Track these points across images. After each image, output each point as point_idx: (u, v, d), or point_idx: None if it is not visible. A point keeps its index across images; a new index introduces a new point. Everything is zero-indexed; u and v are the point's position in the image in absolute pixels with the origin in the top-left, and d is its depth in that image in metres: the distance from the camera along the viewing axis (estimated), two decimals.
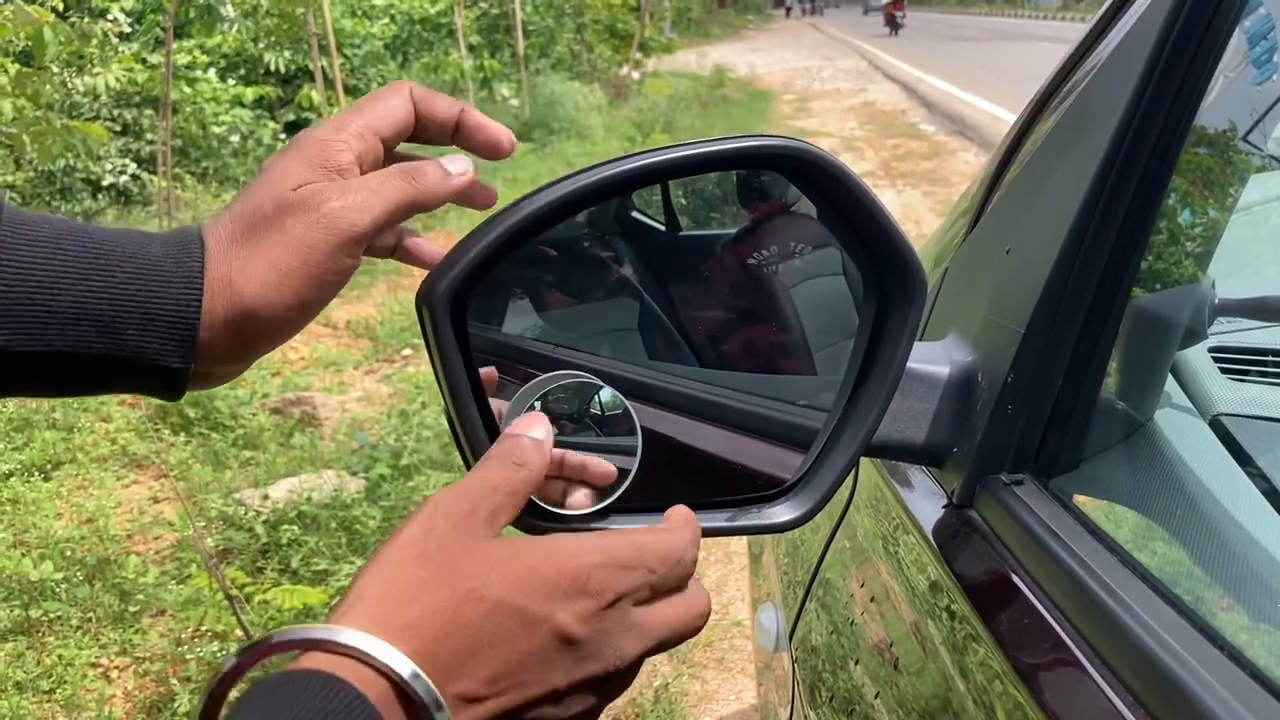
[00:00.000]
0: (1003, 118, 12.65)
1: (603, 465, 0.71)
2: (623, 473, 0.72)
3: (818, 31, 46.78)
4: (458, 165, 0.68)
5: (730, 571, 3.51)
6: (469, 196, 0.70)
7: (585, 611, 0.55)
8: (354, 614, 0.52)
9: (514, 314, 0.77)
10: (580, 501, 0.72)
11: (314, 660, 0.50)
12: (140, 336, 0.60)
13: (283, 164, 0.65)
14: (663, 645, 0.60)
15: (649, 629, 0.58)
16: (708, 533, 0.79)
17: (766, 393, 0.86)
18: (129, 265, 0.60)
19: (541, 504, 0.70)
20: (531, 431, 0.63)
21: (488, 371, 0.71)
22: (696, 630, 0.61)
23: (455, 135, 0.70)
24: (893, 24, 37.55)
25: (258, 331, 0.64)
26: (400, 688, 0.50)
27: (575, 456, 0.70)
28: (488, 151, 0.70)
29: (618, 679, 0.58)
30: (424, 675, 0.50)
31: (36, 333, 0.58)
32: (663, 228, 0.86)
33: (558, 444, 0.69)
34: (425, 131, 0.70)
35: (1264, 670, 0.55)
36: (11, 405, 4.17)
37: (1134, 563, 0.69)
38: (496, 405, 0.70)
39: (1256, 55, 0.91)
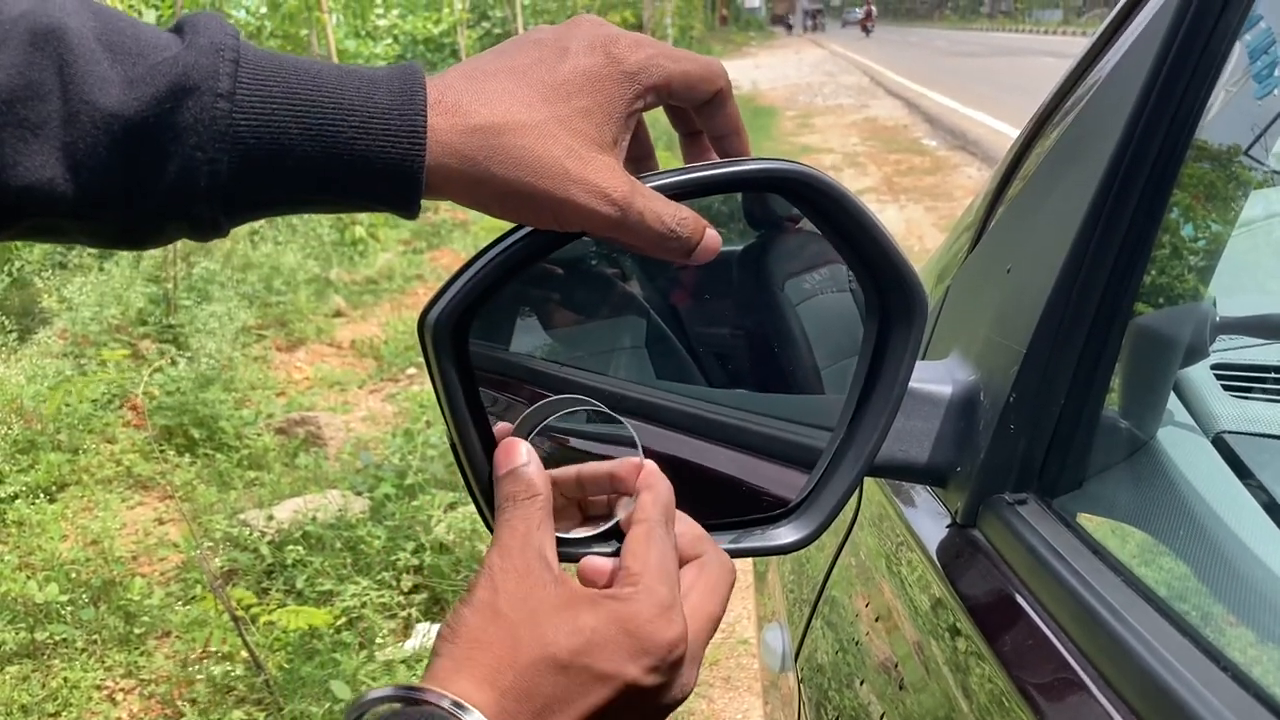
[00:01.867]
0: (1005, 132, 12.66)
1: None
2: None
3: (819, 48, 46.97)
4: None
5: (736, 590, 3.48)
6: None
7: (652, 664, 0.59)
8: (446, 675, 0.57)
9: (521, 332, 0.77)
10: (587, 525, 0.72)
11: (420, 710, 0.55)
12: (367, 187, 0.58)
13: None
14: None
15: (701, 650, 0.64)
16: None
17: (773, 412, 0.87)
18: (355, 119, 0.56)
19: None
20: (518, 461, 0.65)
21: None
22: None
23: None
24: (866, 31, 61.15)
25: (502, 151, 0.59)
26: None
27: (591, 469, 0.72)
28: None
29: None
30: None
31: (262, 183, 0.56)
32: None
33: (559, 467, 0.70)
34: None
35: (1267, 690, 0.55)
36: (17, 426, 4.18)
37: (1138, 583, 0.69)
38: (501, 428, 0.71)
39: (1257, 70, 0.91)
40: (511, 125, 0.59)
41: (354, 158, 0.56)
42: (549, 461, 0.72)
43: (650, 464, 0.69)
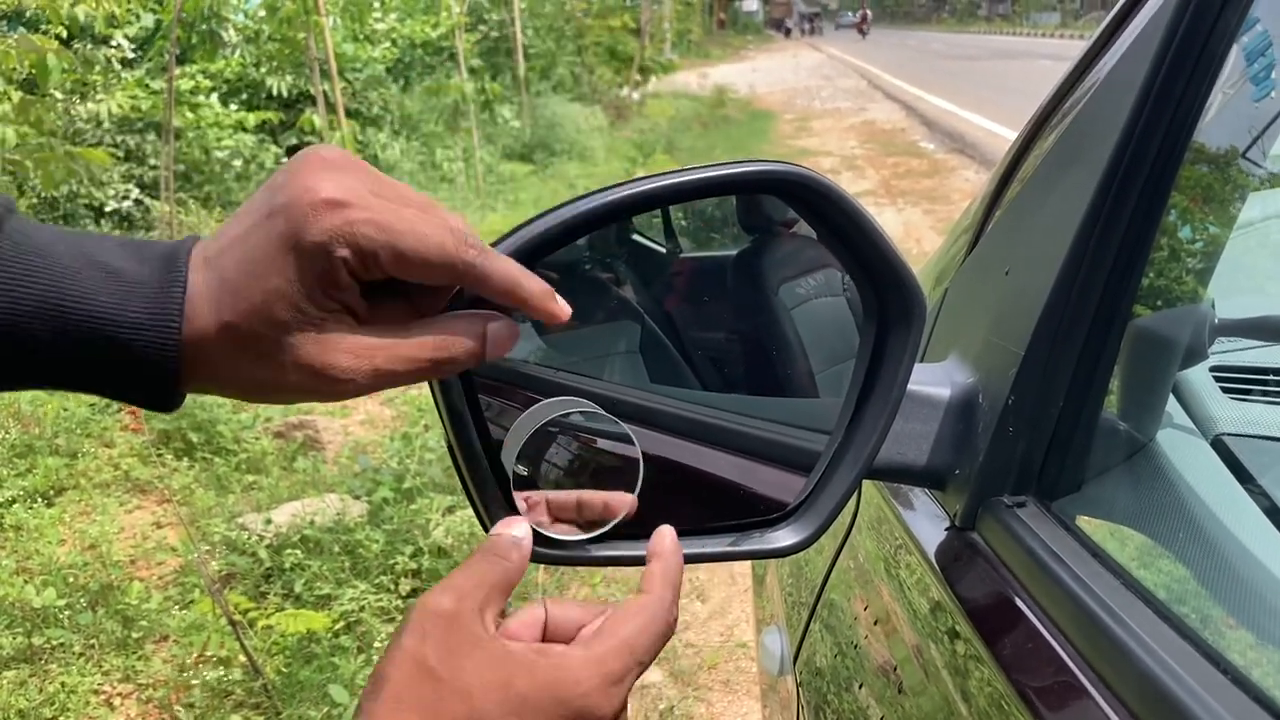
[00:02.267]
0: (1002, 135, 12.68)
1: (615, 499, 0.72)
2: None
3: (816, 51, 47.01)
4: None
5: (735, 593, 3.50)
6: None
7: None
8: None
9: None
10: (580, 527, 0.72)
11: None
12: (119, 370, 0.55)
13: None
14: None
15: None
16: (710, 558, 0.79)
17: (769, 416, 0.86)
18: (105, 329, 0.54)
19: (542, 531, 0.70)
20: (512, 530, 0.65)
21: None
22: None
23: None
24: (862, 34, 66.62)
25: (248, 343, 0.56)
26: None
27: (589, 497, 0.72)
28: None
29: None
30: None
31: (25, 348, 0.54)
32: (664, 249, 0.86)
33: (556, 474, 0.70)
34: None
35: (1267, 693, 0.55)
36: (14, 431, 4.18)
37: (1137, 585, 0.69)
38: (500, 433, 0.70)
39: (1254, 72, 0.91)
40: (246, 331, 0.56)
41: (105, 364, 0.55)
42: (547, 462, 0.72)
43: (665, 529, 0.68)
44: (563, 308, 0.62)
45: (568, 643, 0.61)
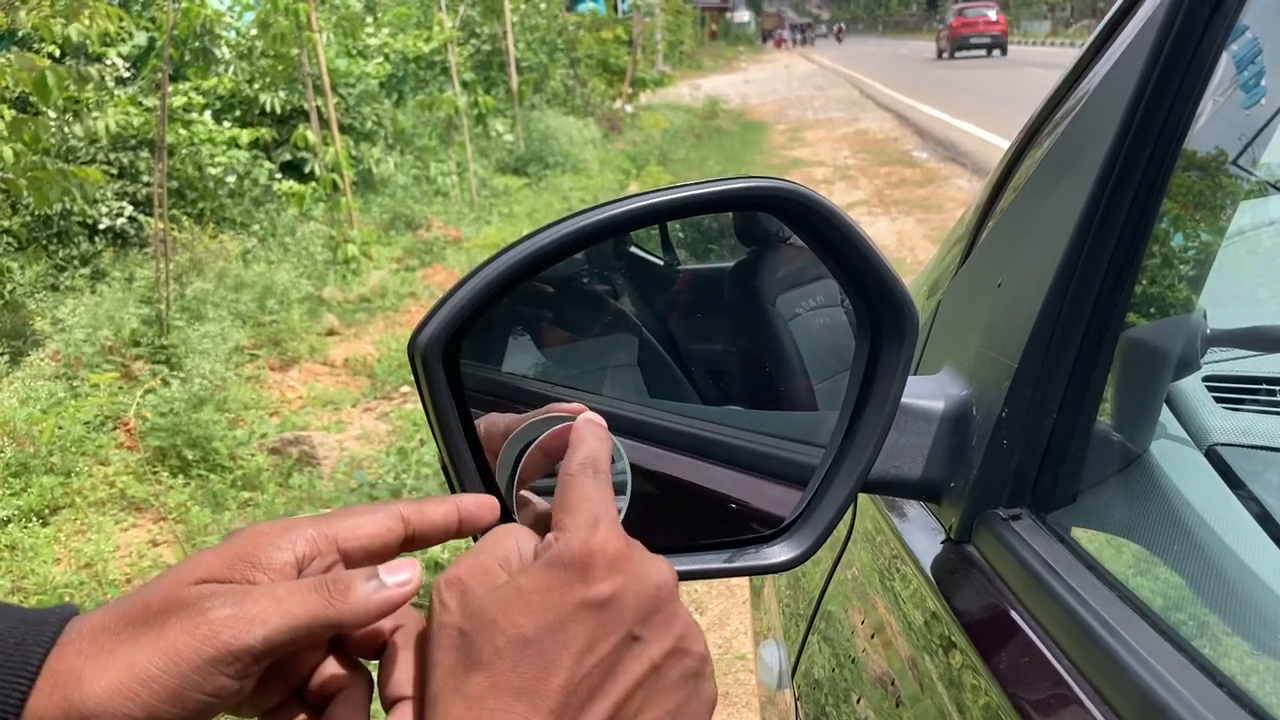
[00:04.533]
0: (995, 143, 12.72)
1: None
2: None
3: (807, 61, 47.14)
4: (399, 574, 0.58)
5: (733, 605, 3.49)
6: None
7: (601, 572, 0.55)
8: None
9: (514, 351, 0.77)
10: None
11: None
12: None
13: (205, 554, 0.57)
14: None
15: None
16: (706, 575, 0.79)
17: (766, 429, 0.87)
18: None
19: None
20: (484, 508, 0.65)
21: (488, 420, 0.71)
22: None
23: (460, 529, 0.65)
24: (839, 39, 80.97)
25: None
26: None
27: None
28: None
29: (688, 628, 0.58)
30: None
31: None
32: (660, 262, 0.86)
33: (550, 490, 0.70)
34: (425, 541, 0.64)
35: (1262, 705, 0.55)
36: (9, 450, 4.16)
37: (1132, 597, 0.69)
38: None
39: (1245, 79, 0.91)
40: None
41: None
42: (541, 478, 0.72)
43: (582, 420, 0.66)
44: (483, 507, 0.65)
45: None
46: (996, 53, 39.95)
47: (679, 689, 0.57)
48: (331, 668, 0.59)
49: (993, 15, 42.39)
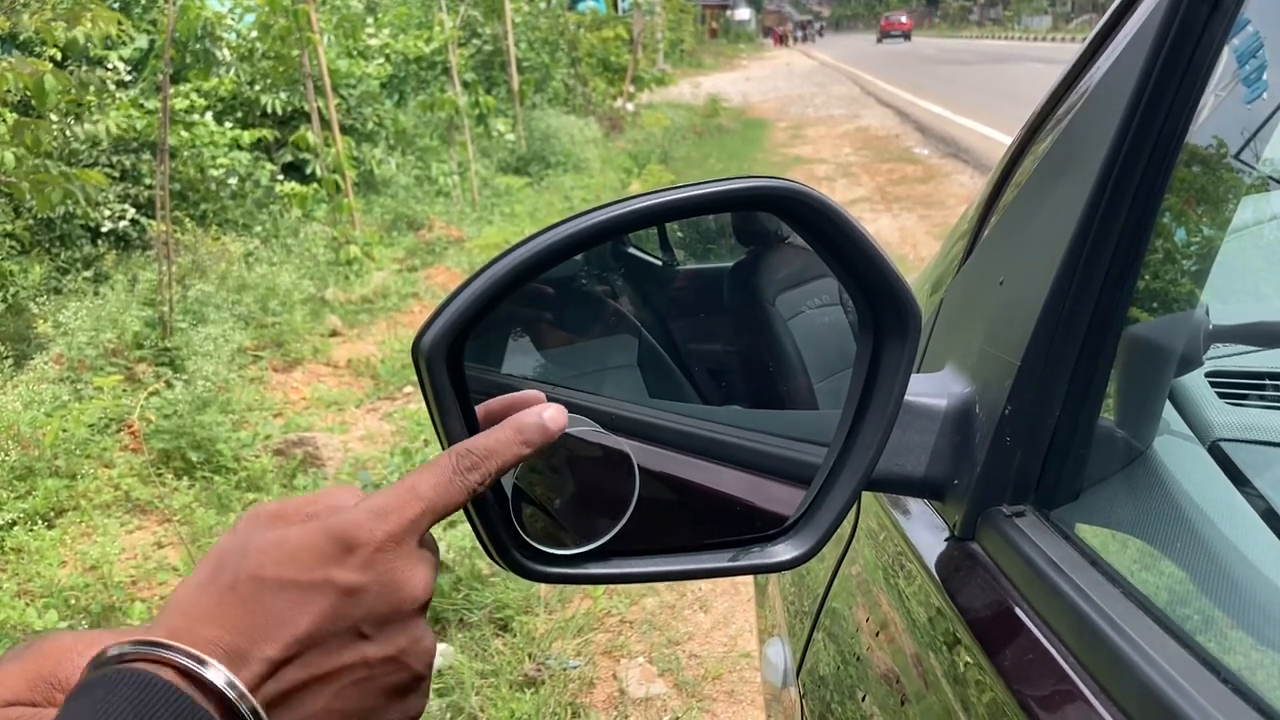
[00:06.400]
0: (996, 139, 12.71)
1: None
2: (619, 513, 0.73)
3: (808, 58, 47.13)
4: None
5: (738, 603, 3.50)
6: None
7: (359, 561, 0.58)
8: (159, 619, 0.58)
9: (514, 353, 0.77)
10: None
11: (133, 662, 0.55)
12: None
13: (6, 667, 0.62)
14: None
15: (431, 559, 0.62)
16: (710, 574, 0.80)
17: (768, 428, 0.87)
18: None
19: (535, 544, 0.71)
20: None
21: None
22: None
23: None
24: (820, 35, 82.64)
25: None
26: (194, 676, 0.54)
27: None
28: None
29: (424, 643, 0.61)
30: (211, 660, 0.54)
31: None
32: (659, 262, 0.86)
33: (552, 491, 0.70)
34: None
35: (1267, 701, 0.55)
36: (14, 453, 4.17)
37: (1136, 594, 0.69)
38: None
39: (1246, 73, 0.91)
40: None
41: None
42: (543, 478, 0.72)
43: (522, 416, 0.66)
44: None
45: None
46: (902, 40, 68.22)
47: (382, 694, 0.60)
48: None
49: (904, 19, 76.82)
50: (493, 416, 0.68)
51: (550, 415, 0.66)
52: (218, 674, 0.54)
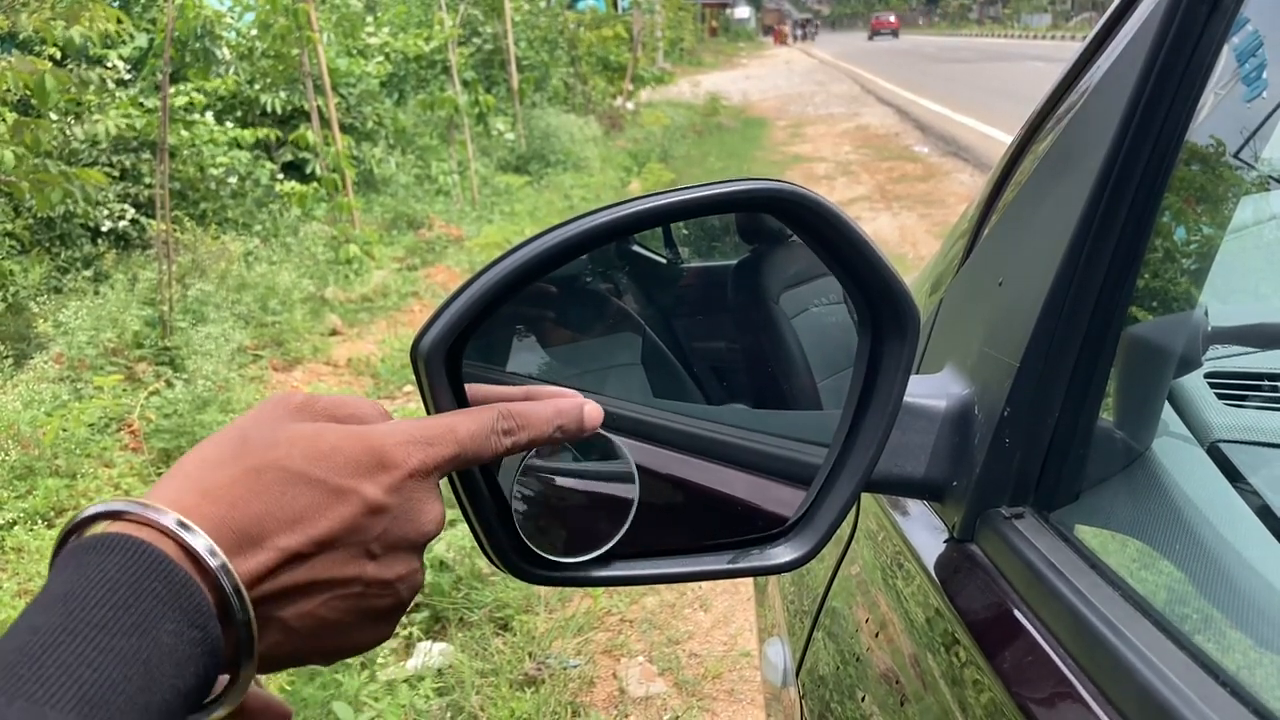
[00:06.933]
0: (996, 138, 12.71)
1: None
2: (621, 517, 0.73)
3: (808, 57, 47.12)
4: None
5: (738, 602, 3.50)
6: None
7: (390, 481, 0.58)
8: (164, 483, 0.55)
9: (518, 351, 0.77)
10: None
11: (122, 526, 0.52)
12: None
13: None
14: None
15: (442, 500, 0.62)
16: (710, 576, 0.80)
17: (769, 428, 0.87)
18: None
19: (537, 550, 0.71)
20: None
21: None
22: None
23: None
24: (816, 29, 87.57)
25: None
26: (183, 545, 0.52)
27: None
28: None
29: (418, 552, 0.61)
30: (200, 532, 0.52)
31: None
32: (663, 260, 0.86)
33: (553, 493, 0.70)
34: None
35: (1265, 705, 0.55)
36: (14, 453, 4.17)
37: (1136, 596, 0.69)
38: None
39: (1246, 72, 0.91)
40: None
41: None
42: (544, 481, 0.72)
43: (562, 402, 0.67)
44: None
45: None
46: (891, 37, 74.40)
47: (363, 614, 0.60)
48: None
49: (892, 19, 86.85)
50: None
51: (590, 409, 0.67)
52: (199, 540, 0.52)
